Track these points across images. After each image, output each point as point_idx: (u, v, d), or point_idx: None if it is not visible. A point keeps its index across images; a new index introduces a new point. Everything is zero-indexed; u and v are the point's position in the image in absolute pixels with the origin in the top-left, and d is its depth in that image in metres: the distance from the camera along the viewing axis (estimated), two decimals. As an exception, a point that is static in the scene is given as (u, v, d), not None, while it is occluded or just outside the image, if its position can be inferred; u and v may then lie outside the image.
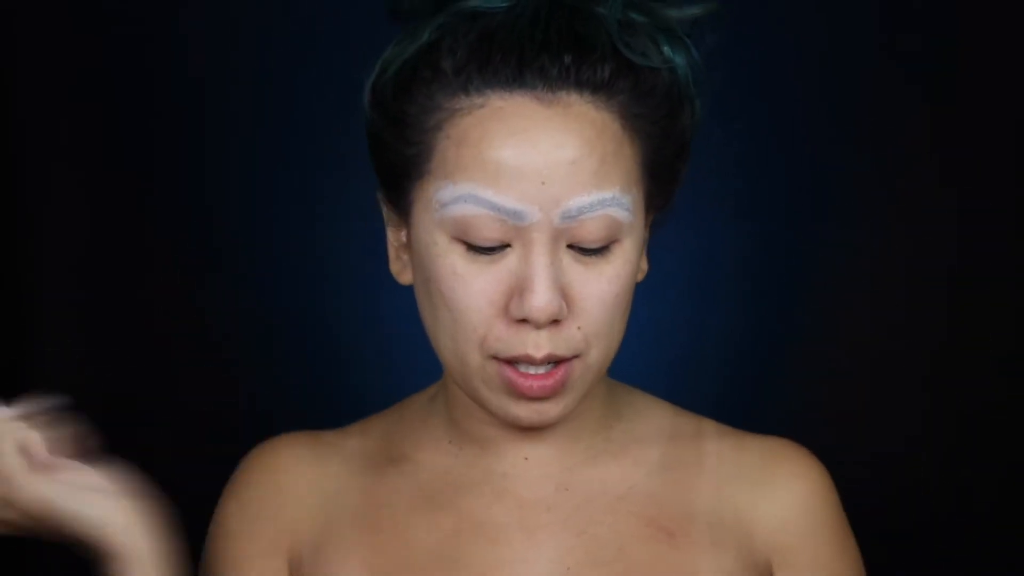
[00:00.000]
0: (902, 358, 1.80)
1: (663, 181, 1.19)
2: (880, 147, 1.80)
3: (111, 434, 1.78)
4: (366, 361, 1.81)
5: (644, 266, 1.23)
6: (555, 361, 1.15)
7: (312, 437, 1.28)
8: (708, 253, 1.80)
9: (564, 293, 1.13)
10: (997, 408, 1.79)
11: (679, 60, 1.16)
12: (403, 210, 1.19)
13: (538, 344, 1.13)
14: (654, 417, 1.28)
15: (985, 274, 1.79)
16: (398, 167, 1.17)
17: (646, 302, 1.29)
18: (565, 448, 1.24)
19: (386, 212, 1.22)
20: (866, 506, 1.32)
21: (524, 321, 1.13)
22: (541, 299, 1.12)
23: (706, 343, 1.83)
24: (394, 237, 1.22)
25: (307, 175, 1.81)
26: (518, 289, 1.12)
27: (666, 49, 1.16)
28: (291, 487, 1.26)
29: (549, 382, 1.15)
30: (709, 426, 1.29)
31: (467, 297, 1.13)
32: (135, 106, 1.78)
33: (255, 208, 1.81)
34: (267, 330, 1.80)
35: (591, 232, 1.13)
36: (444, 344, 1.17)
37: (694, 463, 1.26)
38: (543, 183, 1.12)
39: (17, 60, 1.75)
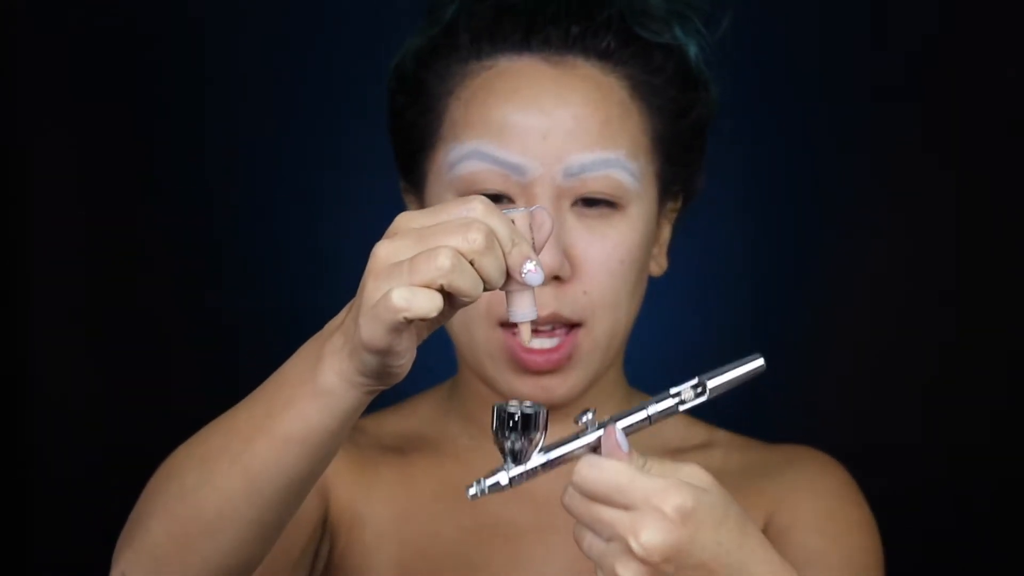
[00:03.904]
0: (903, 358, 1.80)
1: (678, 163, 1.20)
2: (880, 149, 1.79)
3: (110, 433, 1.78)
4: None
5: (663, 262, 1.24)
6: (559, 325, 1.15)
7: None
8: (710, 254, 1.80)
9: (568, 254, 1.15)
10: (998, 408, 1.79)
11: (690, 42, 1.18)
12: (420, 189, 1.20)
13: (542, 302, 1.12)
14: (667, 427, 1.27)
15: (985, 274, 1.79)
16: (414, 140, 1.19)
17: (648, 301, 1.29)
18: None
19: (408, 202, 1.24)
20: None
21: None
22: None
23: (709, 344, 1.83)
24: None
25: (307, 175, 1.80)
26: None
27: (677, 30, 1.17)
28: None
29: (555, 356, 1.16)
30: (721, 436, 1.29)
31: None
32: (135, 105, 1.78)
33: (255, 208, 1.81)
34: (267, 330, 1.80)
35: (594, 191, 1.15)
36: (454, 318, 1.17)
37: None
38: (545, 138, 1.14)
39: (17, 58, 1.74)
